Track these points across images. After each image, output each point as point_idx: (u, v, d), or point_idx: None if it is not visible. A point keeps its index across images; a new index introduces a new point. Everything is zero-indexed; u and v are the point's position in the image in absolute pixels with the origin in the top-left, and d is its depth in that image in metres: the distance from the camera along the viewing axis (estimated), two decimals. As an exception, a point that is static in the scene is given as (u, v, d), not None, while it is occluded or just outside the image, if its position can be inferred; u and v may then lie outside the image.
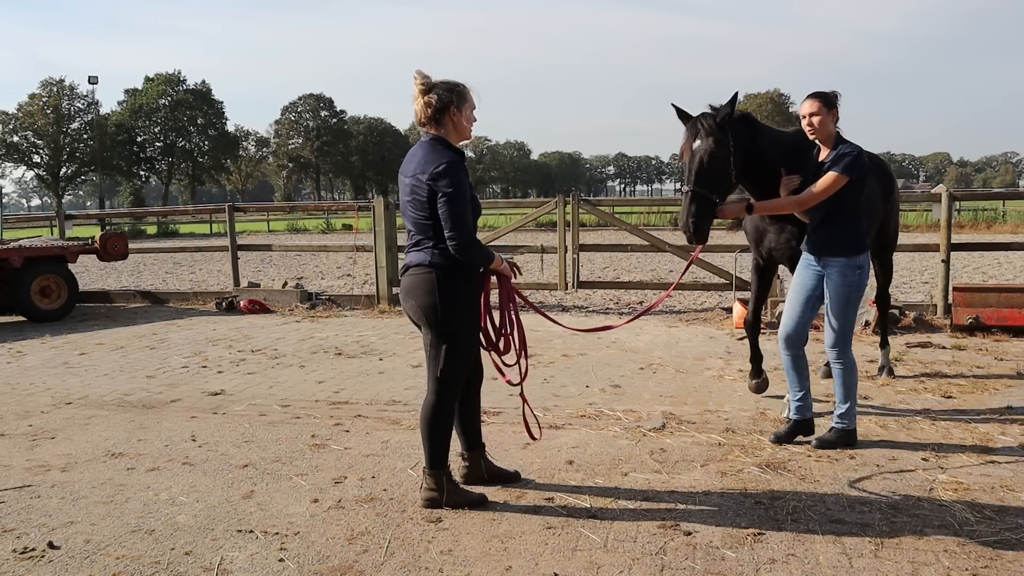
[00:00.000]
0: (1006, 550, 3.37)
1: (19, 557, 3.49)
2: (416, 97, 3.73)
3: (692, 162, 4.59)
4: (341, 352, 8.01)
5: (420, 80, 3.71)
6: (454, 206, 3.59)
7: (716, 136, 4.57)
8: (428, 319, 3.75)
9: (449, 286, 3.70)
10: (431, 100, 3.69)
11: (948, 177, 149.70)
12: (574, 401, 5.88)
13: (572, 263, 10.89)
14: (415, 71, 3.72)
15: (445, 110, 3.70)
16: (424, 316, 3.76)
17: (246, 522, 3.81)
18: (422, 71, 3.71)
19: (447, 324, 3.73)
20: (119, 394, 6.47)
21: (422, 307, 3.74)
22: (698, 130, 4.62)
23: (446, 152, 3.69)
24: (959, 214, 30.66)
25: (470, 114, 3.80)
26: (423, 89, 3.71)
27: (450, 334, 3.76)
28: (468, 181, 3.72)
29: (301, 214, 46.85)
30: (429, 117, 3.72)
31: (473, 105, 3.80)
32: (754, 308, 5.84)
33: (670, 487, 4.14)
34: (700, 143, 4.59)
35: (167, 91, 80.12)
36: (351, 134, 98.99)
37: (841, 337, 4.64)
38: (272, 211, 44.99)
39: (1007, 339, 7.88)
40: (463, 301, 3.75)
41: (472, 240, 3.67)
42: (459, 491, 3.92)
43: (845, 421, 4.70)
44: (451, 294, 3.70)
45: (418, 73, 3.71)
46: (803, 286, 4.74)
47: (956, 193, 10.23)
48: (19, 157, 73.12)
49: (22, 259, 10.49)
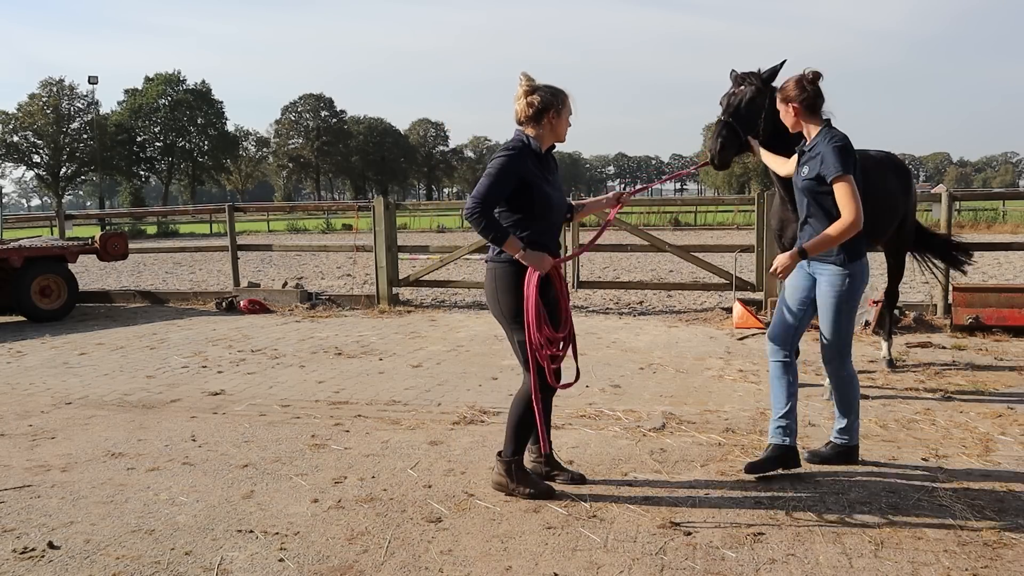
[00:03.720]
0: (1006, 550, 3.37)
1: (19, 557, 3.49)
2: (519, 97, 3.90)
3: (732, 100, 5.10)
4: (341, 352, 8.01)
5: (525, 82, 3.90)
6: (485, 176, 3.76)
7: (758, 86, 5.06)
8: (494, 312, 3.97)
9: (507, 278, 3.85)
10: (533, 100, 3.84)
11: (948, 177, 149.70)
12: (574, 401, 5.88)
13: (572, 263, 10.90)
14: (521, 73, 3.92)
15: (545, 112, 3.86)
16: (491, 310, 3.99)
17: (246, 522, 3.81)
18: (527, 73, 3.91)
19: (510, 315, 3.88)
20: (119, 394, 6.47)
21: (489, 301, 3.98)
22: (744, 79, 5.13)
23: (515, 142, 3.85)
24: (959, 214, 30.65)
25: (567, 119, 3.96)
26: (527, 90, 3.88)
27: (516, 324, 3.88)
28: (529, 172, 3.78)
29: (301, 214, 46.90)
30: (529, 116, 3.87)
31: (571, 111, 3.96)
32: None
33: (670, 487, 4.15)
34: (743, 87, 5.11)
35: (167, 91, 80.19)
36: (351, 134, 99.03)
37: (836, 351, 4.31)
38: (272, 211, 45.04)
39: (1007, 339, 7.88)
40: (520, 291, 3.83)
41: (481, 208, 3.70)
42: (528, 479, 4.04)
43: (845, 436, 4.38)
44: (508, 287, 3.85)
45: (523, 75, 3.91)
46: (795, 287, 4.39)
47: (956, 193, 10.23)
48: (19, 157, 73.16)
49: (22, 259, 10.48)
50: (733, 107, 5.09)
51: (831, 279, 4.21)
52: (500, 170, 3.74)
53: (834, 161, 4.06)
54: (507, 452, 4.01)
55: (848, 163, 4.06)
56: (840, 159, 4.06)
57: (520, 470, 4.02)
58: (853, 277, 4.18)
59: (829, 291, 4.21)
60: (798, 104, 4.25)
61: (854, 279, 4.19)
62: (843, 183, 4.05)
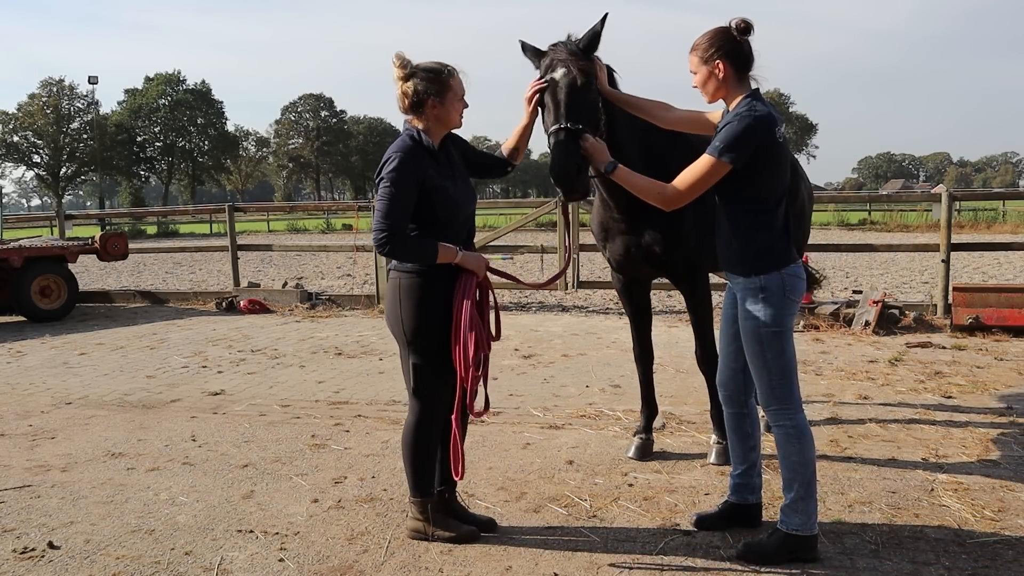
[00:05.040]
0: (1006, 550, 3.36)
1: (19, 557, 3.49)
2: (395, 83, 3.33)
3: (559, 93, 3.54)
4: (341, 352, 8.01)
5: (399, 64, 3.29)
6: (380, 196, 3.22)
7: (583, 61, 3.62)
8: (394, 329, 3.40)
9: (415, 292, 3.30)
10: (407, 90, 3.29)
11: (948, 177, 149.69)
12: (574, 401, 5.88)
13: (572, 263, 10.90)
14: (394, 54, 3.29)
15: (424, 101, 3.29)
16: (391, 325, 3.41)
17: (246, 522, 3.81)
18: (402, 54, 3.29)
19: (413, 334, 3.33)
20: (119, 394, 6.47)
21: (388, 315, 3.41)
22: (563, 58, 3.61)
23: (404, 142, 3.30)
24: (959, 214, 30.67)
25: (456, 103, 3.35)
26: (401, 76, 3.30)
27: (417, 346, 3.34)
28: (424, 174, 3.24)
29: (301, 214, 46.85)
30: (407, 108, 3.33)
31: (459, 92, 3.36)
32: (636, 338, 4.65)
33: (670, 487, 4.14)
34: (566, 70, 3.57)
35: (167, 91, 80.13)
36: (351, 134, 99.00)
37: (769, 392, 3.26)
38: (272, 211, 45.01)
39: (1007, 339, 7.88)
40: (431, 310, 3.30)
41: (389, 233, 3.17)
42: (448, 522, 3.53)
43: (791, 521, 3.25)
44: (417, 301, 3.30)
45: (397, 57, 3.30)
46: (727, 316, 3.51)
47: (956, 193, 10.24)
48: (19, 157, 73.11)
49: (22, 259, 10.49)
50: (566, 103, 3.51)
51: (742, 296, 3.30)
52: (396, 183, 3.19)
53: (722, 136, 3.16)
54: (414, 492, 3.52)
55: (735, 144, 3.11)
56: (729, 135, 3.12)
57: (436, 511, 3.52)
58: (768, 292, 3.20)
59: (743, 313, 3.30)
60: (728, 62, 3.21)
61: (770, 295, 3.20)
62: (701, 162, 3.18)
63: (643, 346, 4.62)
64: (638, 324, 4.60)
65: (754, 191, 3.22)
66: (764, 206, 3.24)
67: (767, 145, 3.16)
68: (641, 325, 4.61)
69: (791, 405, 3.25)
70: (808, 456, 3.25)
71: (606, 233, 4.36)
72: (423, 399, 3.42)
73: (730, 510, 3.60)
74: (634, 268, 4.36)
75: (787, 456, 3.27)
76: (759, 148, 3.15)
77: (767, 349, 3.22)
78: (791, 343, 3.27)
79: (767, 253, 3.22)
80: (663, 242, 4.13)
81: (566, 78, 3.55)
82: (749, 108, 3.16)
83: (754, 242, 3.23)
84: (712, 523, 3.59)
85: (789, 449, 3.26)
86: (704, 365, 4.46)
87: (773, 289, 3.20)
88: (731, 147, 3.11)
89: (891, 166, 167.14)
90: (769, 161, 3.18)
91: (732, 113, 3.21)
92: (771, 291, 3.20)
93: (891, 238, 23.25)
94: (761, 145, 3.14)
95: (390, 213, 3.18)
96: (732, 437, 3.59)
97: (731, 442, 3.61)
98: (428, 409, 3.42)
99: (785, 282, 3.21)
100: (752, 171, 3.18)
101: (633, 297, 4.56)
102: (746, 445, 3.55)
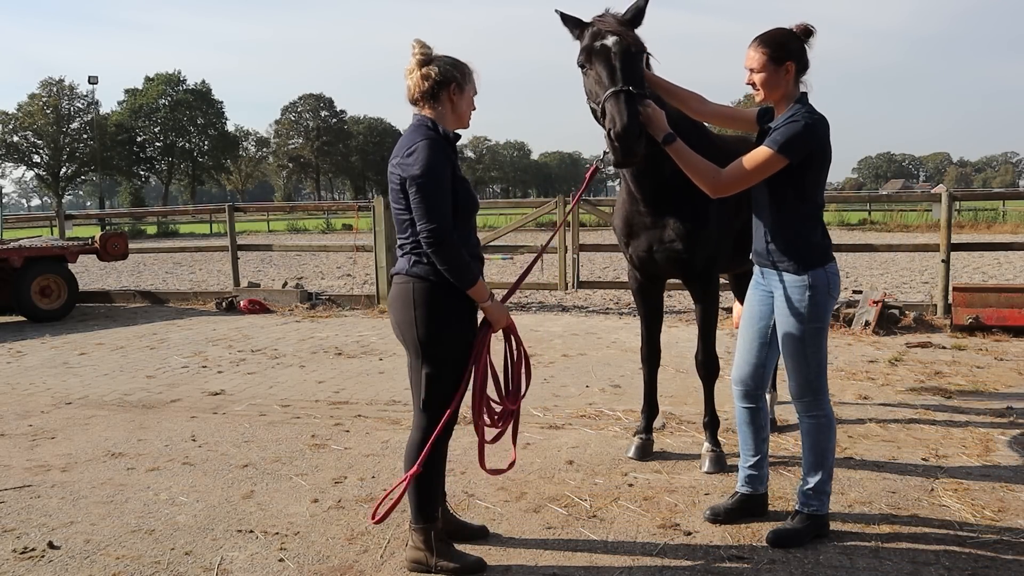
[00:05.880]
0: (1006, 550, 3.37)
1: (19, 557, 3.49)
2: (412, 70, 3.14)
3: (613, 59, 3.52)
4: (341, 352, 8.01)
5: (419, 49, 3.13)
6: (425, 191, 2.99)
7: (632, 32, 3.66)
8: (405, 337, 3.18)
9: (431, 300, 3.10)
10: (430, 72, 3.11)
11: (948, 177, 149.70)
12: (574, 401, 5.88)
13: (572, 263, 10.90)
14: (414, 39, 3.15)
15: (445, 86, 3.12)
16: (402, 333, 3.19)
17: (246, 522, 3.81)
18: (422, 40, 3.15)
19: (428, 345, 3.13)
20: (119, 394, 6.47)
21: (399, 323, 3.18)
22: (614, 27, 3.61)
23: (428, 131, 3.11)
24: (959, 214, 30.68)
25: (471, 99, 3.23)
26: (422, 60, 3.12)
27: (431, 356, 3.15)
28: (452, 167, 3.11)
29: (301, 214, 46.85)
30: (425, 92, 3.13)
31: (476, 89, 3.25)
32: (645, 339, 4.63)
33: (670, 487, 4.14)
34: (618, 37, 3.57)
35: (167, 91, 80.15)
36: (351, 134, 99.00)
37: (806, 384, 3.42)
38: (272, 211, 45.02)
39: (1007, 339, 7.88)
40: (448, 320, 3.13)
41: (443, 230, 3.00)
42: (451, 552, 3.28)
43: (813, 503, 3.47)
44: (433, 310, 3.10)
45: (417, 42, 3.14)
46: (753, 313, 3.59)
47: (956, 193, 10.24)
48: (19, 157, 73.14)
49: (22, 259, 10.49)
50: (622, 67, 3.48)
51: (787, 293, 3.38)
52: (437, 172, 3.00)
53: (782, 131, 3.26)
54: (417, 518, 3.27)
55: (795, 142, 3.22)
56: (791, 133, 3.22)
57: (440, 540, 3.28)
58: (815, 289, 3.32)
59: (785, 308, 3.38)
60: (796, 64, 3.30)
61: (816, 292, 3.32)
62: (761, 153, 3.26)
63: (652, 347, 4.63)
64: (649, 325, 4.61)
65: (802, 189, 3.34)
66: (813, 204, 3.38)
67: (823, 148, 3.32)
68: (652, 326, 4.62)
69: (823, 396, 3.45)
70: (833, 444, 3.50)
71: (630, 228, 4.35)
72: (433, 414, 3.21)
73: (743, 501, 3.71)
74: (654, 266, 4.34)
75: (816, 444, 3.45)
76: (815, 150, 3.29)
77: (808, 344, 3.37)
78: (827, 337, 3.47)
79: (815, 249, 3.36)
80: (687, 238, 4.14)
81: (620, 44, 3.55)
82: (810, 111, 3.30)
83: (804, 239, 3.36)
84: (728, 516, 3.68)
85: (819, 437, 3.45)
86: (703, 370, 4.49)
87: (819, 286, 3.33)
88: (791, 144, 3.23)
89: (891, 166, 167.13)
90: (816, 163, 3.32)
91: (790, 112, 3.32)
92: (818, 288, 3.33)
93: (891, 238, 23.26)
94: (818, 147, 3.29)
95: (439, 208, 3.00)
96: (745, 430, 3.69)
97: (743, 435, 3.71)
98: (437, 426, 3.19)
99: (829, 279, 3.37)
100: (802, 170, 3.30)
101: (648, 297, 4.58)
102: (759, 437, 3.67)
